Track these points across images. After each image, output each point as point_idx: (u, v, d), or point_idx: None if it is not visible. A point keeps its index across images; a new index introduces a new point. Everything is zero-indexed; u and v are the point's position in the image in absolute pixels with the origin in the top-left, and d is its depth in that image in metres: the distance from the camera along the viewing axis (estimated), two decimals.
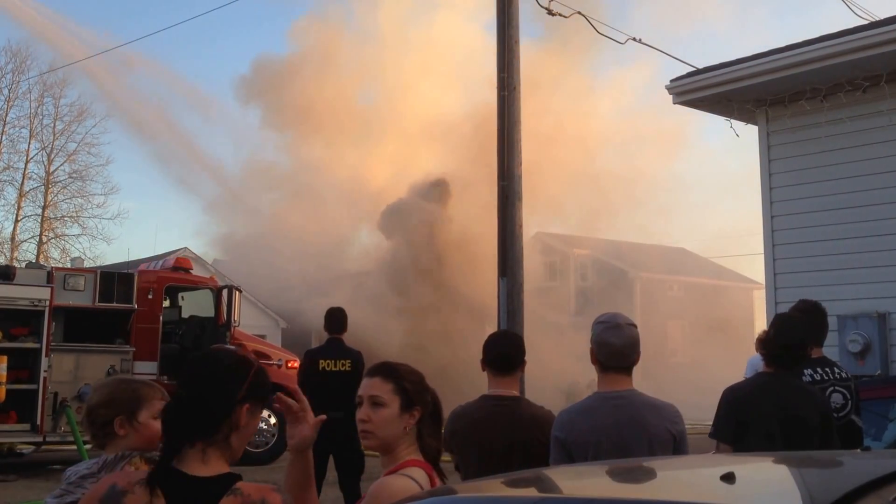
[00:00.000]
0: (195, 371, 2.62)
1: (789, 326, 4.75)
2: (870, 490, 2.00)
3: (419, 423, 3.06)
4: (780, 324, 4.75)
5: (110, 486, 2.48)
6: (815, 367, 5.21)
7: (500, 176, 10.91)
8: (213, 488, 2.48)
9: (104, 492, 2.47)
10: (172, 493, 2.45)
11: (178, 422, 2.52)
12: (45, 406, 13.60)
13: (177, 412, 2.53)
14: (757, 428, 4.40)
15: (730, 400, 4.59)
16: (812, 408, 4.48)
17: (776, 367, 4.61)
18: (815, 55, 9.15)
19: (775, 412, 4.40)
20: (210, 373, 2.59)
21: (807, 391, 4.66)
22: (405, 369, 3.16)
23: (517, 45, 11.00)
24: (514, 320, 10.62)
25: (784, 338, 4.62)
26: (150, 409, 3.34)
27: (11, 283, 13.72)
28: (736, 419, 4.49)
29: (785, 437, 4.30)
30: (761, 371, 4.75)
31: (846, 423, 5.14)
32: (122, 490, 2.45)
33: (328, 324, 9.15)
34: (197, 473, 2.49)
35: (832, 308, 6.39)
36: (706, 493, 2.26)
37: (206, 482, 2.49)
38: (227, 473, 2.52)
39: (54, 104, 41.20)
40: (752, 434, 4.38)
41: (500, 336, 4.86)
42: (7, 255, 39.09)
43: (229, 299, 15.47)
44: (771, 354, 4.63)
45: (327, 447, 8.87)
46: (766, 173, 10.17)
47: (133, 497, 2.43)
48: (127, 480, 2.49)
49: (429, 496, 2.55)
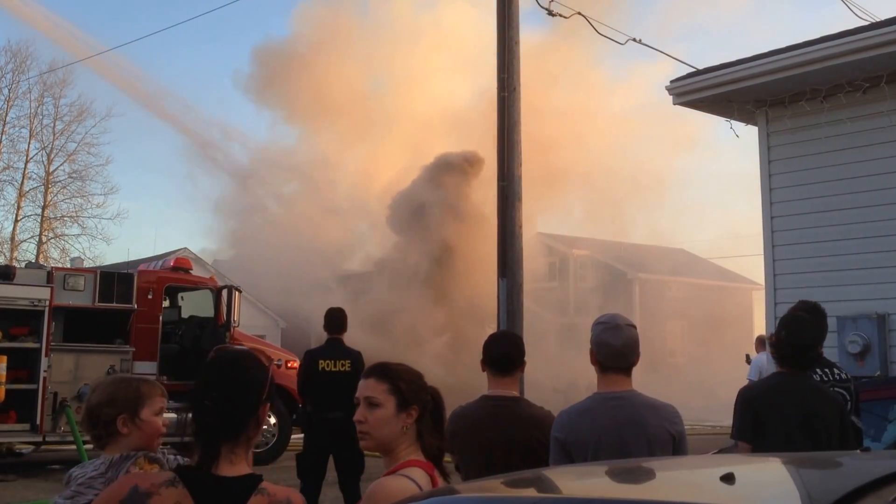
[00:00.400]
0: (224, 374, 2.62)
1: (800, 327, 4.76)
2: (869, 490, 2.00)
3: (419, 422, 3.06)
4: (791, 324, 4.75)
5: (131, 487, 2.45)
6: (820, 368, 5.22)
7: (500, 176, 10.91)
8: (241, 488, 2.51)
9: (125, 493, 2.44)
10: (202, 495, 2.45)
11: (213, 425, 2.52)
12: (44, 406, 13.58)
13: (212, 416, 2.53)
14: (775, 428, 4.41)
15: (747, 399, 4.61)
16: (830, 408, 4.50)
17: (790, 367, 4.62)
18: (816, 56, 9.15)
19: (794, 412, 4.42)
20: (239, 375, 2.61)
21: (823, 391, 4.68)
22: (400, 369, 3.16)
23: (517, 45, 11.00)
24: (514, 321, 10.62)
25: (796, 338, 4.64)
26: (151, 406, 3.34)
27: (11, 282, 13.71)
28: (753, 418, 4.50)
29: (804, 437, 4.31)
30: (776, 371, 4.76)
31: None
32: (147, 492, 2.43)
33: (328, 324, 9.15)
34: (226, 474, 2.51)
35: (832, 309, 6.39)
36: (706, 493, 2.26)
37: (234, 482, 2.51)
38: (251, 473, 2.55)
39: (54, 104, 41.22)
40: (770, 434, 4.39)
41: (499, 336, 4.86)
42: (7, 254, 39.10)
43: (229, 299, 15.47)
44: (783, 355, 4.64)
45: (327, 447, 8.88)
46: (765, 174, 10.18)
47: (159, 499, 2.42)
48: (150, 482, 2.47)
49: (429, 496, 2.55)
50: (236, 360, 2.69)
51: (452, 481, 3.09)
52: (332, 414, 8.66)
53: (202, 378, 2.64)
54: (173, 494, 2.43)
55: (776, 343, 4.71)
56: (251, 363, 2.66)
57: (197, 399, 2.59)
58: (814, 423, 4.40)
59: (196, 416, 2.57)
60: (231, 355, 2.75)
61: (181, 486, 2.45)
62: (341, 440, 8.78)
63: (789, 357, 4.63)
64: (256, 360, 2.69)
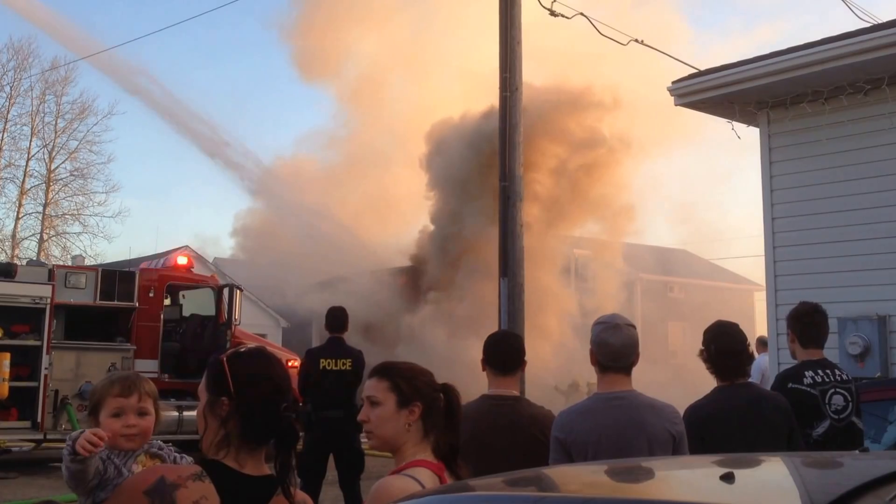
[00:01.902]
0: (256, 375, 2.58)
1: (727, 335, 4.69)
2: (868, 490, 2.01)
3: (425, 420, 3.05)
4: (718, 336, 4.67)
5: (159, 477, 2.43)
6: (817, 369, 5.21)
7: (501, 176, 10.93)
8: (264, 488, 2.52)
9: (152, 483, 2.42)
10: (228, 492, 2.45)
11: (249, 427, 2.52)
12: (45, 404, 13.62)
13: (247, 418, 2.52)
14: (718, 443, 4.34)
15: (691, 421, 4.42)
16: (775, 413, 4.47)
17: (729, 378, 4.59)
18: (817, 58, 9.15)
19: (735, 424, 4.39)
20: (271, 377, 2.59)
21: (767, 398, 4.65)
22: (401, 367, 3.17)
23: (519, 45, 11.02)
24: (515, 321, 10.65)
25: (725, 347, 4.59)
26: (106, 408, 3.42)
27: (13, 280, 13.75)
28: (701, 440, 4.41)
29: (746, 447, 4.24)
30: (717, 386, 4.70)
31: (847, 426, 5.14)
32: (174, 483, 2.41)
33: (329, 323, 9.18)
34: (252, 473, 2.52)
35: (832, 310, 6.39)
36: (705, 492, 2.27)
37: (259, 482, 2.53)
38: (272, 475, 2.56)
39: (56, 102, 41.28)
40: (715, 448, 4.30)
41: (500, 336, 4.87)
42: (8, 252, 39.15)
43: (230, 298, 15.50)
44: (718, 368, 4.59)
45: (327, 446, 8.90)
46: (766, 176, 10.18)
47: (186, 492, 2.41)
48: (177, 474, 2.45)
49: (428, 495, 2.56)
50: (268, 362, 2.65)
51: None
52: (332, 413, 8.69)
53: (234, 379, 2.58)
54: (200, 489, 2.42)
55: (707, 358, 4.63)
56: (279, 364, 2.66)
57: (266, 406, 2.54)
58: (758, 431, 4.38)
59: (238, 418, 2.53)
60: (260, 355, 2.68)
61: (208, 481, 2.45)
62: (341, 439, 8.81)
63: (724, 368, 4.61)
64: (280, 362, 2.70)
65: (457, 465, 3.06)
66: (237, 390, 2.54)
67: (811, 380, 5.11)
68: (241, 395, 2.54)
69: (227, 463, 2.50)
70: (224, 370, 2.57)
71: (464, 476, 3.02)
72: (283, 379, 2.62)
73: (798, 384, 5.05)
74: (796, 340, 5.33)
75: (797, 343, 5.32)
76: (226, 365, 2.58)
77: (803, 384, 5.06)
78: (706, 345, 4.66)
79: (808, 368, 5.15)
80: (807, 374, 5.12)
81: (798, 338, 5.32)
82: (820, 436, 4.98)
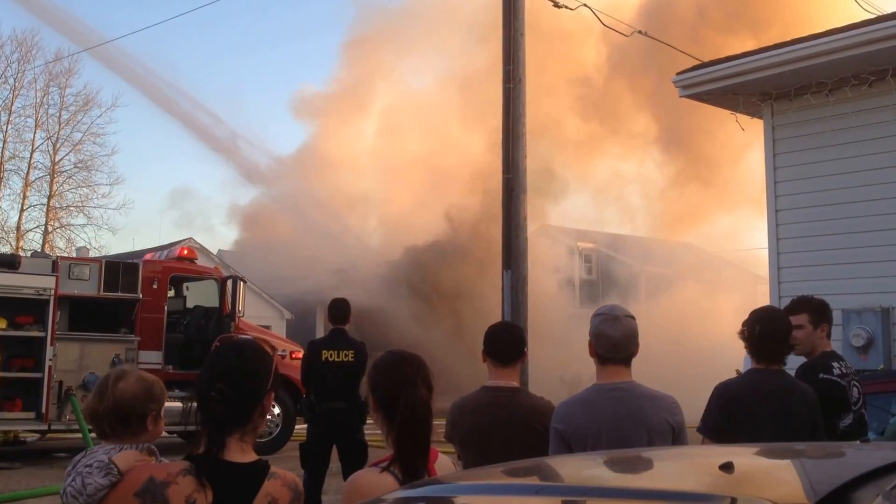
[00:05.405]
0: (229, 363, 2.65)
1: (773, 318, 4.70)
2: (869, 480, 2.00)
3: (378, 413, 3.08)
4: (763, 317, 4.69)
5: (147, 478, 2.47)
6: (840, 360, 5.15)
7: (505, 169, 10.91)
8: (255, 473, 2.57)
9: (141, 485, 2.45)
10: (219, 482, 2.48)
11: (224, 414, 2.56)
12: (49, 394, 13.66)
13: (218, 406, 2.56)
14: (744, 426, 4.34)
15: (722, 396, 4.50)
16: (802, 404, 4.45)
17: (766, 362, 4.58)
18: (821, 49, 9.12)
19: (765, 410, 4.37)
20: (244, 364, 2.64)
21: (797, 387, 4.63)
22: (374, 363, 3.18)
23: (523, 37, 10.98)
24: (519, 313, 10.64)
25: (769, 330, 4.59)
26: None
27: (17, 271, 13.77)
28: (727, 417, 4.42)
29: (771, 436, 4.24)
30: (753, 368, 4.69)
31: (859, 417, 5.10)
32: (164, 481, 2.45)
33: (331, 314, 9.18)
34: (239, 460, 2.56)
35: (836, 302, 6.37)
36: (705, 482, 2.27)
37: (248, 468, 2.57)
38: (260, 459, 2.61)
39: (60, 94, 41.26)
40: (739, 432, 4.31)
41: (500, 327, 4.86)
42: (12, 244, 39.19)
43: (234, 289, 15.51)
44: (759, 350, 4.59)
45: (330, 437, 8.91)
46: (770, 167, 10.16)
47: (176, 488, 2.44)
48: (166, 472, 2.49)
49: (428, 484, 2.56)
50: (241, 349, 2.71)
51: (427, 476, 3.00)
52: (335, 404, 8.69)
53: (207, 368, 2.66)
54: (190, 482, 2.45)
55: (748, 338, 4.61)
56: (255, 352, 2.69)
57: (202, 389, 2.60)
58: (784, 420, 4.36)
59: (202, 406, 2.59)
60: (235, 344, 2.78)
61: (203, 475, 2.48)
62: (344, 430, 8.81)
63: (764, 352, 4.59)
64: (261, 349, 2.72)
65: (409, 461, 2.94)
66: (202, 381, 2.65)
67: (839, 370, 5.05)
68: (209, 386, 2.62)
69: (216, 454, 2.52)
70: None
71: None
72: (242, 370, 2.66)
73: (829, 374, 4.99)
74: (824, 332, 5.24)
75: (823, 333, 5.24)
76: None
77: (833, 374, 5.00)
78: (750, 325, 4.64)
79: (833, 360, 5.11)
80: (834, 366, 5.07)
81: (826, 330, 5.25)
82: (847, 427, 4.93)
